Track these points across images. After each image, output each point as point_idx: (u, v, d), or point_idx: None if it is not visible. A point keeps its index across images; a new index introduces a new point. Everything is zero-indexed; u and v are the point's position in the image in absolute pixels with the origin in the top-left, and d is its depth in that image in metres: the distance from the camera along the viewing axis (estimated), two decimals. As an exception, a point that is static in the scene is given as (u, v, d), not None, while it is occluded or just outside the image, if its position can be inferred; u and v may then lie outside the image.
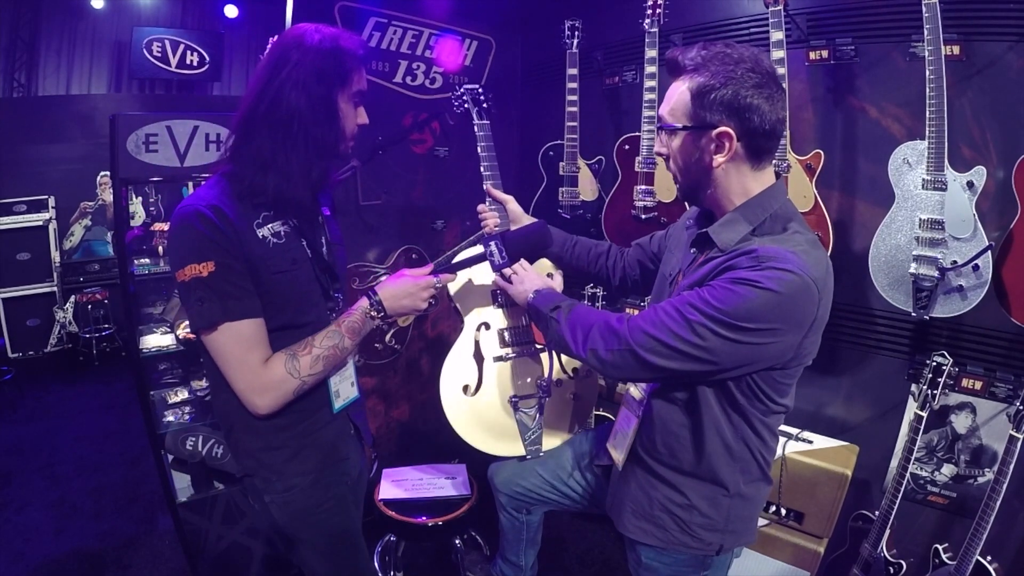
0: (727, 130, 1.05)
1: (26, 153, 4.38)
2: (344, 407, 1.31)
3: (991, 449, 1.82)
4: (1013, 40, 1.67)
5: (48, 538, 2.45)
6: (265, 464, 1.22)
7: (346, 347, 1.20)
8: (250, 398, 1.12)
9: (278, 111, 1.10)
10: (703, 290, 1.06)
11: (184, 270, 1.06)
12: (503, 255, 1.33)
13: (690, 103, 1.08)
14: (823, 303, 1.05)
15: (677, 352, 1.06)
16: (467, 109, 1.74)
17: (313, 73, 1.10)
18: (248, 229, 1.12)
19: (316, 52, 1.11)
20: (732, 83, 1.04)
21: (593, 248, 1.68)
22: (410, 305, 1.27)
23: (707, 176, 1.12)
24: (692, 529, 1.23)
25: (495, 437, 1.68)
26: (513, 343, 1.72)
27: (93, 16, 5.04)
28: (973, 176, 1.64)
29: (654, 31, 2.13)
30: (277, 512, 1.24)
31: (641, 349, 1.09)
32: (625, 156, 2.34)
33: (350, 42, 1.15)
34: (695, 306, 1.04)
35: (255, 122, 1.12)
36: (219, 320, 1.07)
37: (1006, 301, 1.67)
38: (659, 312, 1.09)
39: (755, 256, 1.03)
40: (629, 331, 1.12)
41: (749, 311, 0.99)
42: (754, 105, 1.04)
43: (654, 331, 1.08)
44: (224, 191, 1.12)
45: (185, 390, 2.29)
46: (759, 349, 1.03)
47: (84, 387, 4.08)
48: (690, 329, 1.04)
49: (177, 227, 1.09)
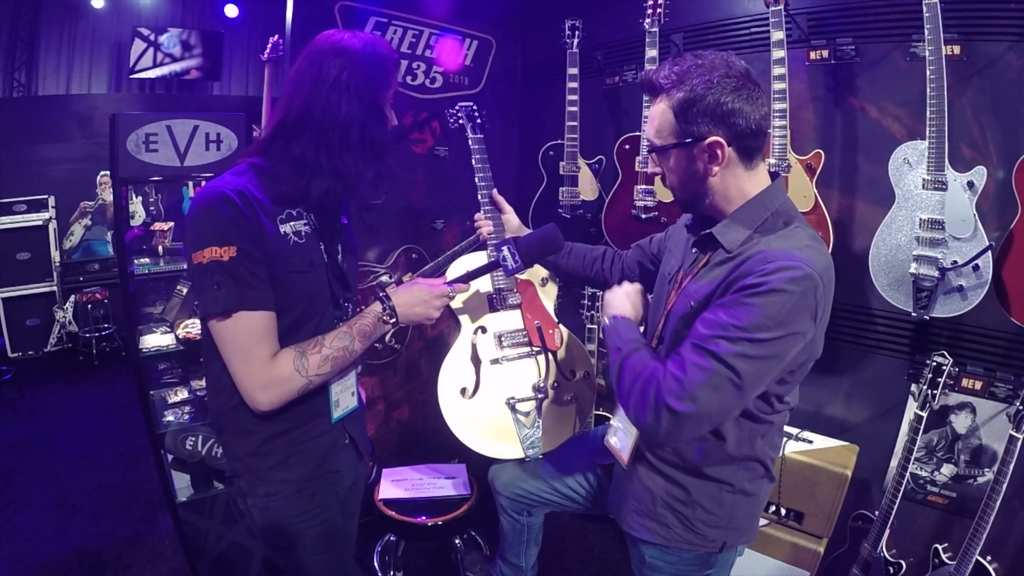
0: (717, 139, 1.06)
1: (26, 153, 4.38)
2: (342, 417, 1.29)
3: (991, 449, 1.82)
4: (1013, 40, 1.67)
5: (48, 538, 2.44)
6: (251, 468, 1.21)
7: (355, 350, 1.19)
8: (252, 393, 1.09)
9: (330, 116, 1.10)
10: (719, 313, 1.04)
11: (203, 252, 1.03)
12: (516, 259, 1.33)
13: (674, 120, 1.09)
14: (828, 294, 1.05)
15: (714, 389, 1.02)
16: (462, 124, 1.81)
17: (364, 77, 1.11)
18: (272, 222, 1.11)
19: (362, 57, 1.11)
20: (711, 92, 1.04)
21: (588, 253, 1.69)
22: (422, 313, 1.27)
23: (704, 186, 1.13)
24: (695, 526, 1.23)
25: (493, 439, 1.68)
26: (510, 346, 1.73)
27: (93, 15, 5.04)
28: (973, 176, 1.64)
29: (654, 31, 2.13)
30: (258, 515, 1.24)
31: (673, 398, 1.03)
32: (625, 156, 2.34)
33: (387, 47, 1.18)
34: (720, 337, 1.01)
35: (301, 126, 1.11)
36: (234, 308, 1.05)
37: (1006, 301, 1.67)
38: (685, 358, 1.05)
39: (763, 258, 1.03)
40: (664, 384, 1.05)
41: (767, 319, 0.99)
42: (736, 109, 1.05)
43: (685, 376, 1.04)
44: (252, 181, 1.11)
45: (185, 390, 2.29)
46: (784, 354, 1.04)
47: (84, 387, 4.08)
48: (719, 362, 1.01)
49: (201, 207, 1.06)
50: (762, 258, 1.03)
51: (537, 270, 1.84)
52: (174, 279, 2.52)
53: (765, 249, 1.05)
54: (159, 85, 5.30)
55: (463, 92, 2.51)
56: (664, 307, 1.26)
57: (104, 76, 5.21)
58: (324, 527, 1.28)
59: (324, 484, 1.27)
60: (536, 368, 1.74)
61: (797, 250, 1.03)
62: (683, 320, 1.14)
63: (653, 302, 1.38)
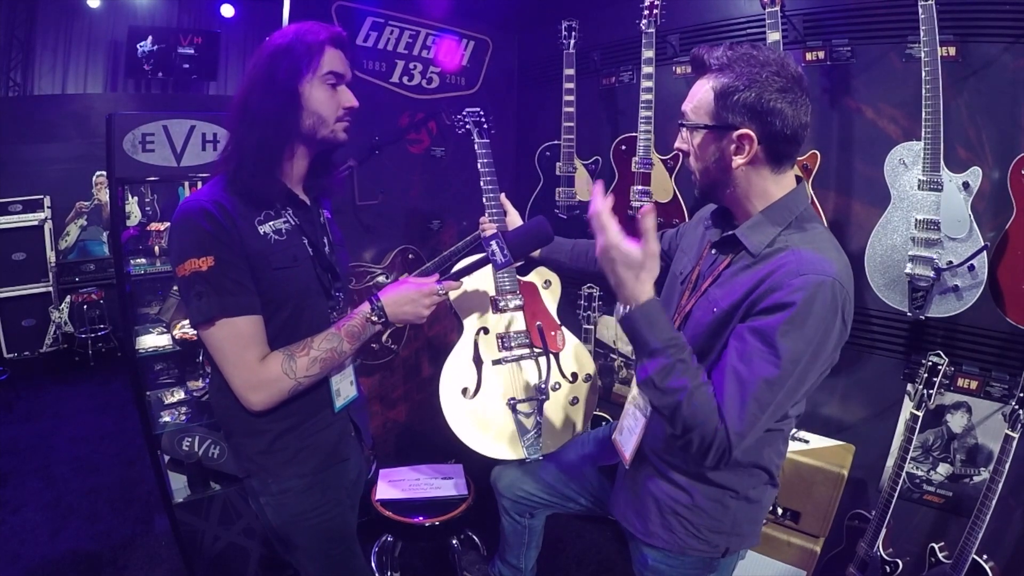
0: (748, 132, 1.05)
1: (21, 152, 4.36)
2: (345, 406, 1.31)
3: (986, 448, 1.83)
4: (1009, 41, 1.67)
5: (44, 539, 2.44)
6: (263, 466, 1.22)
7: (344, 351, 1.20)
8: (245, 394, 1.12)
9: (248, 108, 1.14)
10: (756, 342, 1.01)
11: (184, 264, 1.07)
12: (504, 252, 1.33)
13: (713, 103, 1.07)
14: (852, 298, 1.05)
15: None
16: (468, 130, 1.82)
17: (271, 67, 1.13)
18: (249, 226, 1.13)
19: (275, 48, 1.15)
20: (756, 86, 1.03)
21: (591, 248, 1.68)
22: (412, 312, 1.27)
23: (726, 175, 1.11)
24: (699, 531, 1.22)
25: (494, 440, 1.68)
26: (511, 347, 1.73)
27: (89, 15, 5.01)
28: (969, 177, 1.65)
29: (651, 32, 2.13)
30: (271, 514, 1.25)
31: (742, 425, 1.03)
32: (621, 156, 2.35)
33: (310, 30, 1.17)
34: (765, 380, 1.00)
35: (234, 123, 1.16)
36: (216, 315, 1.08)
37: (1001, 301, 1.67)
38: (735, 411, 1.02)
39: (793, 270, 1.01)
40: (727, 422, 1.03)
41: (806, 344, 0.99)
42: (777, 109, 1.03)
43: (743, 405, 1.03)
44: (224, 189, 1.15)
45: (181, 390, 2.28)
46: (820, 370, 1.04)
47: (80, 387, 4.07)
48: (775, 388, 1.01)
49: (180, 222, 1.10)
50: (792, 269, 1.01)
51: (541, 271, 1.84)
52: (170, 279, 2.51)
53: (792, 251, 1.04)
54: (155, 85, 5.28)
55: (460, 93, 2.51)
56: (676, 307, 1.25)
57: (100, 76, 5.18)
58: (336, 521, 1.30)
59: (334, 477, 1.30)
60: (537, 369, 1.74)
61: (823, 255, 1.02)
62: (708, 328, 1.12)
63: (663, 301, 1.38)
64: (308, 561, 1.30)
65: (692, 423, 1.03)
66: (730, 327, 1.08)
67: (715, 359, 1.10)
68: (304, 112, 1.16)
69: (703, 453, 1.04)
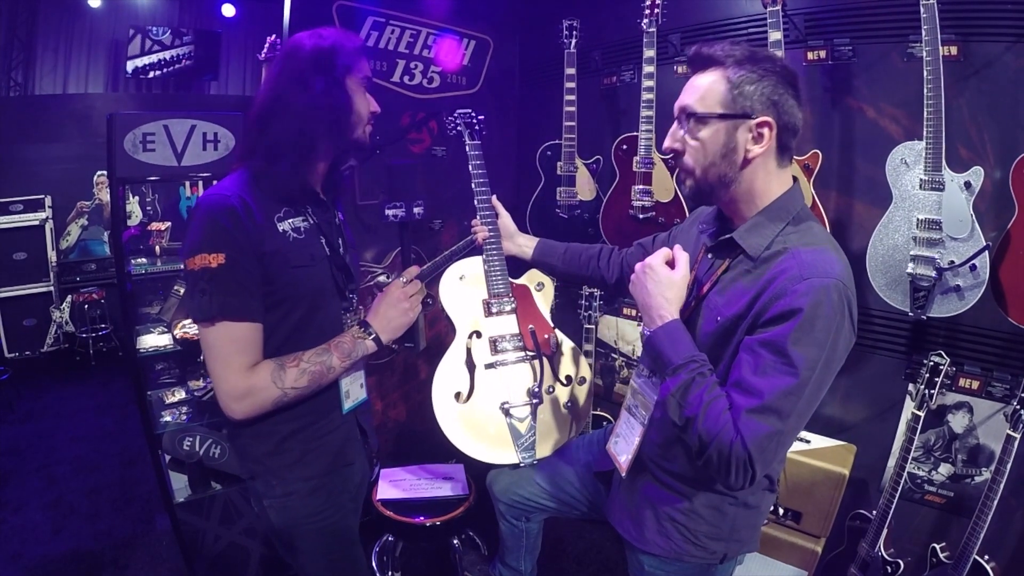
0: (768, 119, 1.04)
1: (22, 152, 4.36)
2: (353, 408, 1.31)
3: (988, 448, 1.83)
4: (1011, 40, 1.67)
5: (45, 538, 2.44)
6: (268, 468, 1.22)
7: (333, 366, 1.19)
8: (226, 401, 1.10)
9: (291, 103, 1.13)
10: (767, 356, 1.00)
11: (195, 258, 1.06)
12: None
13: (727, 92, 1.05)
14: (854, 296, 1.05)
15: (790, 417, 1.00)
16: (459, 131, 1.80)
17: (316, 62, 1.14)
18: (269, 224, 1.13)
19: (317, 47, 1.15)
20: (771, 76, 1.04)
21: (584, 252, 1.67)
22: (398, 318, 1.27)
23: (734, 170, 1.08)
24: (697, 538, 1.21)
25: (488, 444, 1.67)
26: (504, 351, 1.73)
27: (90, 15, 5.02)
28: (970, 176, 1.65)
29: (652, 31, 2.14)
30: (275, 517, 1.24)
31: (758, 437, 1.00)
32: (623, 156, 2.34)
33: (346, 35, 1.20)
34: (779, 394, 0.99)
35: (268, 118, 1.15)
36: (216, 315, 1.07)
37: (1003, 301, 1.67)
38: (750, 429, 0.99)
39: (796, 275, 1.00)
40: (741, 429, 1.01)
41: (817, 350, 0.98)
42: (789, 102, 1.05)
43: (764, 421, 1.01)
44: (248, 184, 1.14)
45: (182, 390, 2.28)
46: (833, 374, 1.05)
47: (81, 387, 4.07)
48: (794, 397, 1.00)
49: (202, 214, 1.09)
50: (794, 274, 1.00)
51: (533, 275, 1.84)
52: (171, 279, 2.52)
53: (792, 254, 1.03)
54: (156, 84, 5.28)
55: (461, 92, 2.51)
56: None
57: (101, 75, 5.19)
58: (339, 524, 1.30)
59: (339, 480, 1.30)
60: (531, 373, 1.74)
61: (824, 256, 1.02)
62: (713, 337, 1.11)
63: None
64: (309, 563, 1.30)
65: (708, 437, 1.01)
66: (737, 336, 1.07)
67: (724, 369, 1.09)
68: (346, 107, 1.17)
69: (724, 471, 1.00)
